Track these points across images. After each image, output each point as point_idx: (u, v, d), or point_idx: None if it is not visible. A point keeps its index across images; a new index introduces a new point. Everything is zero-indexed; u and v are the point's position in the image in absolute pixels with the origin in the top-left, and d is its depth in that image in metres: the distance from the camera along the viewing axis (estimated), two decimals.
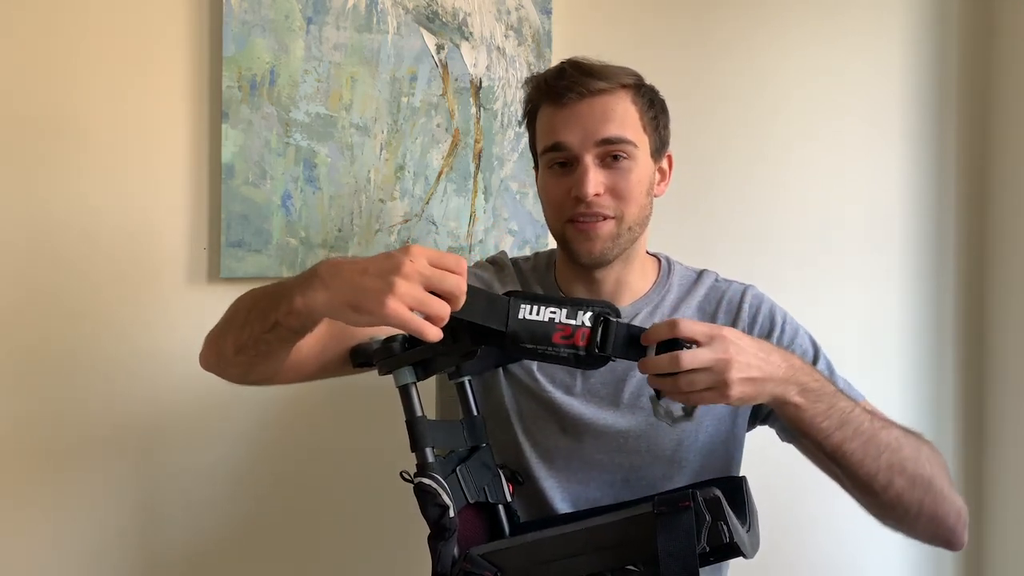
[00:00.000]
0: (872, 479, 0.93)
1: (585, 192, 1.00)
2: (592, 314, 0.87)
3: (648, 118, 1.05)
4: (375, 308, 0.74)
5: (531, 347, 0.87)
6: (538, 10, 1.50)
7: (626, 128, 1.02)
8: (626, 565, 0.82)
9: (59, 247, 1.25)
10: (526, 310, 0.86)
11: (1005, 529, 1.82)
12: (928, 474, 0.95)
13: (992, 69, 1.83)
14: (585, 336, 0.86)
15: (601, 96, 1.01)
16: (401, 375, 0.90)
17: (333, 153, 1.37)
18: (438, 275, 0.76)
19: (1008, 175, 1.81)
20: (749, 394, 0.86)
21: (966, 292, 1.86)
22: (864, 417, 0.93)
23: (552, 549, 0.83)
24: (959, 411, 1.88)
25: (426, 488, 0.84)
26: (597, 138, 1.01)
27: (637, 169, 1.03)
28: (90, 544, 1.28)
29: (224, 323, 0.95)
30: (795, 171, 1.73)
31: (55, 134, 1.24)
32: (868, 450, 0.92)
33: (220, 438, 1.35)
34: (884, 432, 0.94)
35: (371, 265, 0.76)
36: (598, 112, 1.01)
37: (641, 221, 1.05)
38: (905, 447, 0.94)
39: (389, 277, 0.74)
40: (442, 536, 0.83)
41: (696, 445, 1.04)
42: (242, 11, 1.30)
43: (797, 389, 0.89)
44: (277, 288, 0.86)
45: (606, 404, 1.04)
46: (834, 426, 0.91)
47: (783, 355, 0.89)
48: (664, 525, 0.80)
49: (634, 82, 1.04)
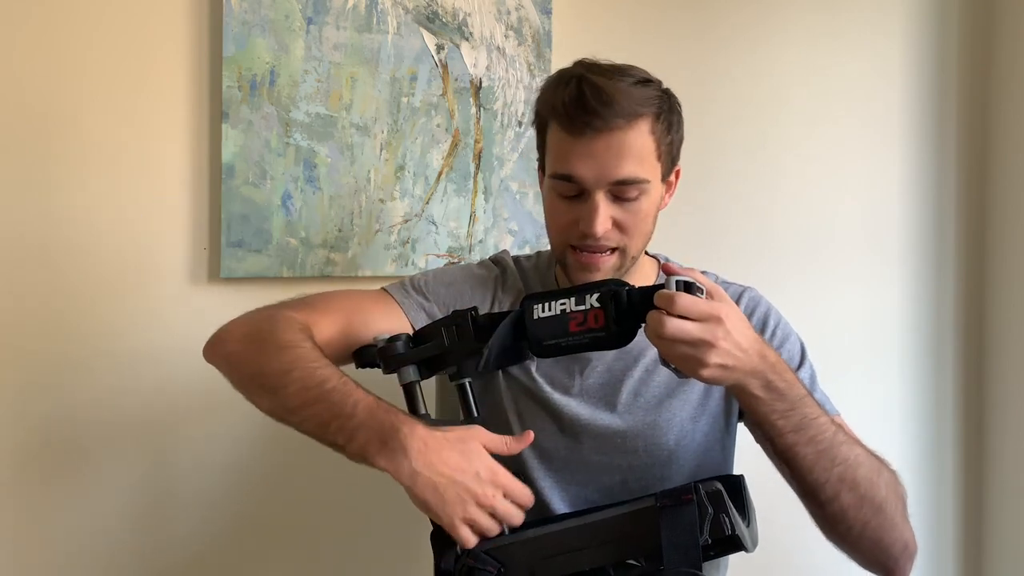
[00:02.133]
0: (819, 488, 0.92)
1: (594, 232, 0.97)
2: (599, 294, 0.87)
3: (664, 146, 1.00)
4: (442, 518, 0.83)
5: (553, 343, 0.88)
6: (538, 10, 1.50)
7: (643, 166, 0.98)
8: (628, 559, 0.82)
9: (59, 247, 1.25)
10: (539, 310, 0.88)
11: (1005, 529, 1.82)
12: (881, 498, 0.93)
13: (992, 69, 1.83)
14: (599, 317, 0.86)
15: (619, 133, 0.96)
16: (405, 373, 0.91)
17: (333, 153, 1.37)
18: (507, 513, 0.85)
19: (1008, 175, 1.81)
20: (717, 378, 0.85)
21: (966, 292, 1.87)
22: (828, 428, 0.92)
23: (555, 544, 0.84)
24: (959, 411, 1.88)
25: None
26: (612, 179, 0.97)
27: (647, 202, 1.00)
28: (91, 543, 1.28)
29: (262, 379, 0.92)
30: (794, 170, 1.73)
31: (55, 134, 1.24)
32: (820, 459, 0.91)
33: (221, 437, 1.35)
34: (845, 447, 0.93)
35: (459, 475, 0.83)
36: (615, 149, 0.96)
37: (646, 244, 1.05)
38: (863, 467, 0.93)
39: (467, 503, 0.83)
40: (443, 533, 0.84)
41: (693, 444, 1.04)
42: (242, 11, 1.30)
43: (761, 383, 0.88)
44: (349, 408, 0.86)
45: (604, 405, 1.04)
46: (790, 427, 0.90)
47: (760, 347, 0.89)
48: (667, 518, 0.81)
49: (656, 111, 0.98)
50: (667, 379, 1.05)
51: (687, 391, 1.05)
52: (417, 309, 1.06)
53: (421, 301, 1.07)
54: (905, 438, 1.86)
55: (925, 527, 1.88)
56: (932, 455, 1.87)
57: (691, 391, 1.05)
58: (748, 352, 0.86)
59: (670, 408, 1.04)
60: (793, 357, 1.08)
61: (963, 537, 1.89)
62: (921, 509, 1.87)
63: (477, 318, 0.92)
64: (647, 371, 1.05)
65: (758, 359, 0.88)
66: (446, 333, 0.92)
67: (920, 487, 1.87)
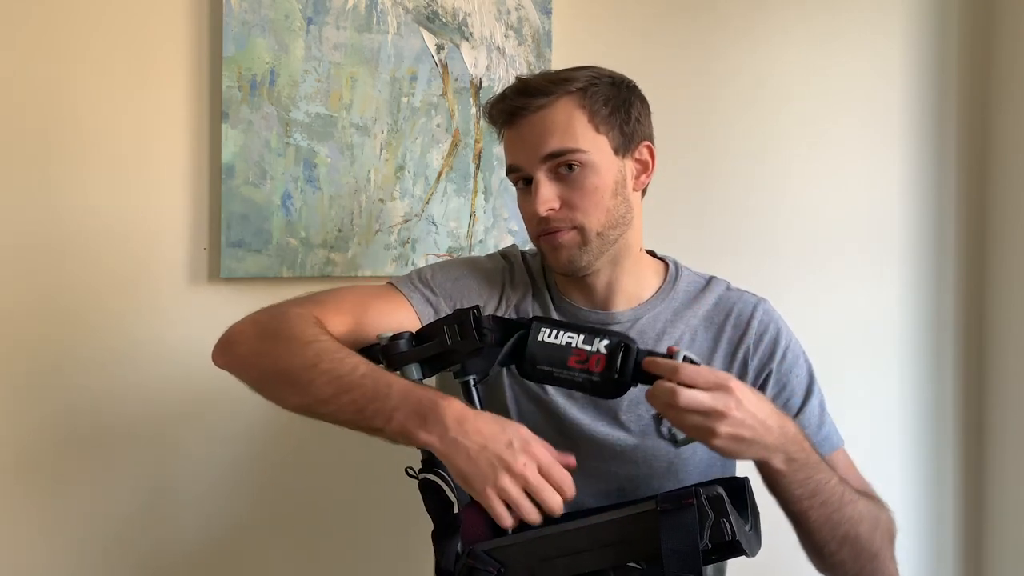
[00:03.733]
0: (823, 545, 0.97)
1: (535, 212, 1.00)
2: (609, 342, 0.88)
3: (602, 117, 1.01)
4: (474, 485, 0.82)
5: (547, 369, 0.89)
6: (538, 10, 1.50)
7: (570, 137, 0.99)
8: (628, 562, 0.82)
9: (59, 247, 1.25)
10: (545, 333, 0.90)
11: (1005, 529, 1.82)
12: (875, 549, 0.99)
13: (992, 69, 1.83)
14: (600, 362, 0.88)
15: (540, 112, 1.00)
16: (408, 371, 0.91)
17: (333, 153, 1.37)
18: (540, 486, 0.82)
19: (1008, 175, 1.81)
20: (732, 449, 0.87)
21: (966, 292, 1.87)
22: (836, 490, 0.95)
23: (555, 546, 0.84)
24: (959, 411, 1.88)
25: (431, 484, 0.84)
26: (541, 154, 1.00)
27: (594, 175, 1.01)
28: (92, 540, 1.28)
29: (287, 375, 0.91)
30: (794, 170, 1.73)
31: (55, 134, 1.24)
32: (828, 521, 0.95)
33: (222, 436, 1.35)
34: (849, 507, 0.96)
35: (491, 443, 0.82)
36: (538, 128, 1.00)
37: (613, 223, 1.03)
38: (864, 522, 0.98)
39: (498, 470, 0.81)
40: (446, 532, 0.84)
41: (694, 459, 1.04)
42: (242, 11, 1.30)
43: (783, 457, 0.90)
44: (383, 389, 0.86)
45: (605, 414, 1.04)
46: (806, 495, 0.93)
47: (780, 421, 0.90)
48: (667, 522, 0.80)
49: (582, 86, 1.01)
50: None
51: None
52: (424, 303, 1.06)
53: (428, 295, 1.07)
54: (905, 438, 1.86)
55: (925, 527, 1.88)
56: (932, 455, 1.87)
57: None
58: (767, 425, 0.87)
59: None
60: (801, 383, 1.07)
61: (963, 537, 1.89)
62: (921, 510, 1.87)
63: (479, 317, 0.92)
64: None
65: (779, 433, 0.89)
66: (448, 332, 0.92)
67: (920, 487, 1.87)
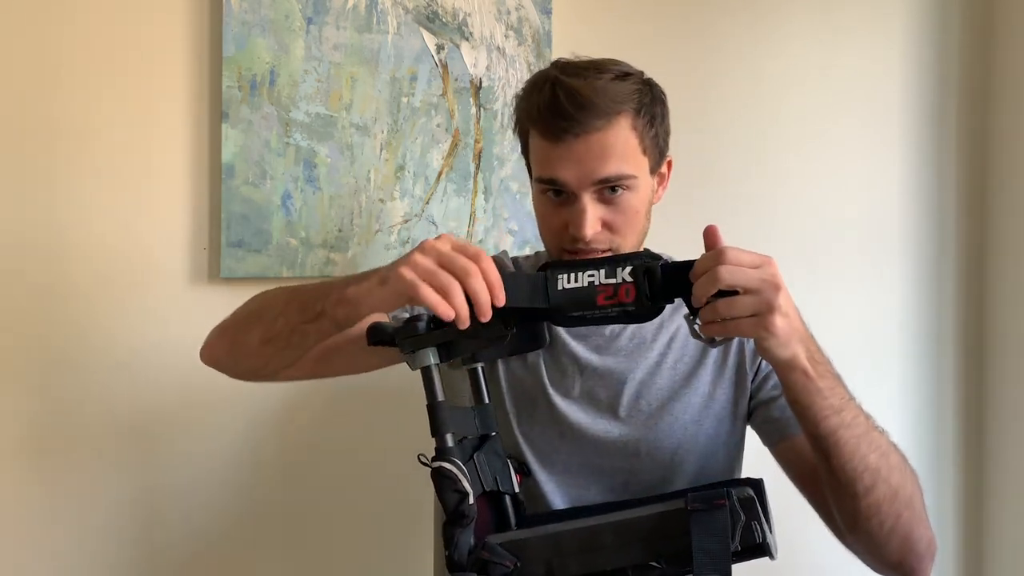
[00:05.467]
0: (857, 478, 0.86)
1: (583, 235, 0.95)
2: (631, 268, 0.84)
3: (649, 138, 0.98)
4: (393, 276, 0.81)
5: (579, 315, 0.85)
6: (538, 10, 1.50)
7: (626, 163, 0.96)
8: (650, 561, 0.79)
9: (59, 247, 1.25)
10: (564, 280, 0.85)
11: (1005, 529, 1.82)
12: (911, 491, 0.89)
13: (992, 69, 1.83)
14: (630, 292, 0.84)
15: (598, 133, 0.94)
16: (424, 356, 0.86)
17: (333, 153, 1.37)
18: (450, 256, 0.80)
19: (1008, 175, 1.81)
20: (785, 333, 0.79)
21: (966, 292, 1.86)
22: (860, 410, 0.88)
23: (575, 541, 0.81)
24: (959, 411, 1.88)
25: (446, 473, 0.80)
26: (595, 178, 0.95)
27: (635, 197, 0.98)
28: (88, 540, 1.28)
29: (247, 316, 0.99)
30: (794, 170, 1.73)
31: (55, 134, 1.24)
32: (860, 444, 0.85)
33: (221, 436, 1.35)
34: (876, 433, 0.89)
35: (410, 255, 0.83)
36: (595, 151, 0.94)
37: (640, 241, 1.02)
38: (893, 455, 0.89)
39: (412, 254, 0.81)
40: (460, 523, 0.80)
41: (696, 448, 1.03)
42: (242, 11, 1.30)
43: (807, 354, 0.83)
44: (322, 283, 0.91)
45: (605, 410, 1.03)
46: (833, 408, 0.85)
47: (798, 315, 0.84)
48: (699, 522, 0.77)
49: (636, 106, 0.96)
50: (669, 382, 1.05)
51: (690, 394, 1.04)
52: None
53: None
54: (905, 439, 1.85)
55: None
56: (932, 455, 1.87)
57: (694, 393, 1.04)
58: (797, 309, 0.82)
59: (672, 412, 1.03)
60: None
61: (963, 537, 1.89)
62: None
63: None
64: (649, 374, 1.05)
65: (801, 324, 0.83)
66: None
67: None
